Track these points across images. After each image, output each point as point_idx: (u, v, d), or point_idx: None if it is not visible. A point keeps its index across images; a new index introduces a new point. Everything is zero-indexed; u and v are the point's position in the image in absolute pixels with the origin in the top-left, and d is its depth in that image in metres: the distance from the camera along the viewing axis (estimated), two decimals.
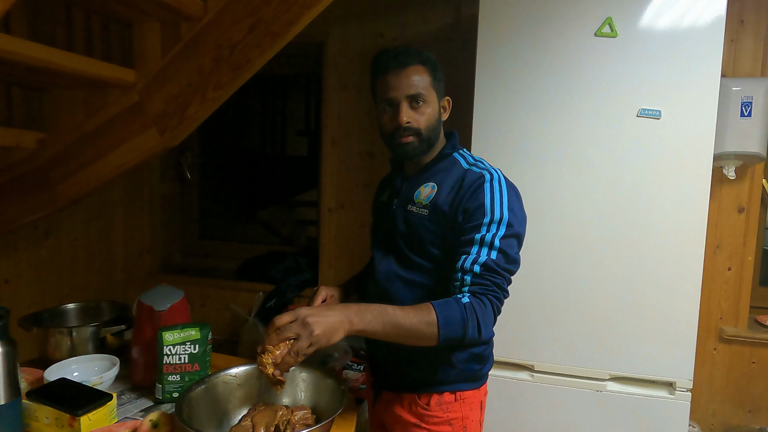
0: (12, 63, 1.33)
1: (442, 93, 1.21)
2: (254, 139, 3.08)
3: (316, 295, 1.31)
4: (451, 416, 1.18)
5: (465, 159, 1.21)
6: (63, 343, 1.36)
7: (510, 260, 1.05)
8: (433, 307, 0.98)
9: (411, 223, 1.19)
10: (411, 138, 1.16)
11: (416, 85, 1.14)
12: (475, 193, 1.10)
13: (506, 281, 1.05)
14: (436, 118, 1.19)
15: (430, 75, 1.16)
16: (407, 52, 1.16)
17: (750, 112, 1.84)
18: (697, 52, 1.50)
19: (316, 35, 2.33)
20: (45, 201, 1.69)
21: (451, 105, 1.25)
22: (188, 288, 1.54)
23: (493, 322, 1.02)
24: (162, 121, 1.57)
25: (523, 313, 1.66)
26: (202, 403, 1.08)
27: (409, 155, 1.20)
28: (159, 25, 1.56)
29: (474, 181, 1.12)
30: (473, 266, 1.02)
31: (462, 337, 0.98)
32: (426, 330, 0.97)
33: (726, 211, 2.04)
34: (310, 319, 0.89)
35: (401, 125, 1.15)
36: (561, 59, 1.59)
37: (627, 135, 1.56)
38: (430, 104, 1.17)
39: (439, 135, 1.23)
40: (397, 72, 1.15)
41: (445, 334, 0.97)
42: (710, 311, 2.07)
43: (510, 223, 1.07)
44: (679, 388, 1.58)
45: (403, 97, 1.15)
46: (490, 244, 1.04)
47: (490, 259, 1.03)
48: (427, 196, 1.17)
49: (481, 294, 1.01)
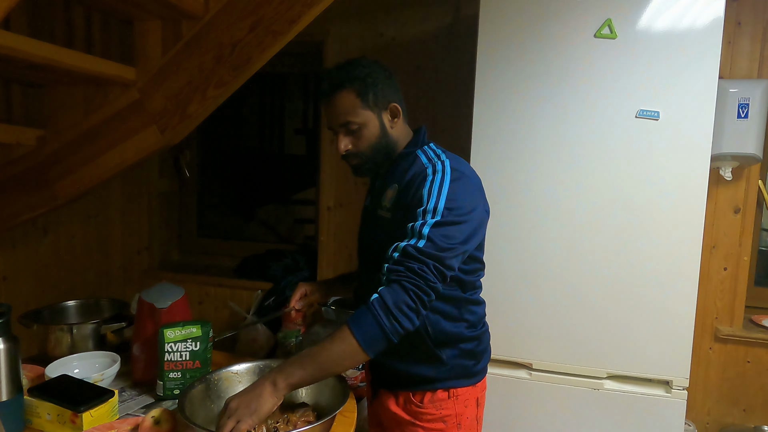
0: (12, 60, 1.33)
1: (383, 103, 1.17)
2: (253, 137, 3.08)
3: (294, 292, 1.34)
4: (444, 413, 1.19)
5: (426, 154, 1.18)
6: (63, 340, 1.36)
7: (439, 248, 1.01)
8: (348, 325, 0.98)
9: (381, 226, 1.20)
10: (355, 161, 1.20)
11: (344, 112, 1.15)
12: (418, 187, 1.10)
13: (429, 267, 1.00)
14: (378, 135, 1.18)
15: (358, 96, 1.15)
16: (331, 78, 1.16)
17: (747, 114, 1.86)
18: (695, 53, 1.51)
19: (315, 34, 2.33)
20: (44, 198, 1.69)
21: (399, 110, 1.20)
22: (187, 286, 1.53)
23: (415, 311, 0.99)
24: (162, 119, 1.57)
25: (521, 311, 1.68)
26: (203, 400, 1.09)
27: (361, 175, 1.24)
28: (160, 23, 1.56)
29: (419, 175, 1.11)
30: (393, 253, 1.03)
31: (383, 336, 0.97)
32: (347, 347, 0.97)
33: (722, 211, 2.05)
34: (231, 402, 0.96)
35: (341, 153, 1.19)
36: (560, 60, 1.60)
37: (625, 136, 1.57)
38: (366, 125, 1.16)
39: (390, 145, 1.20)
40: (326, 102, 1.17)
41: (367, 342, 0.97)
42: (706, 311, 2.09)
43: (445, 212, 1.04)
44: (675, 387, 1.60)
45: (337, 127, 1.18)
46: (419, 232, 1.02)
47: (409, 245, 1.01)
48: (390, 198, 1.18)
49: (394, 281, 0.99)
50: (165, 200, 2.85)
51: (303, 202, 2.96)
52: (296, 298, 1.33)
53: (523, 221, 1.65)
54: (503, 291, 1.66)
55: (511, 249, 1.65)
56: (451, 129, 2.18)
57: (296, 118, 3.03)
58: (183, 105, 1.55)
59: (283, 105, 3.02)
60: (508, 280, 1.66)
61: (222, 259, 2.87)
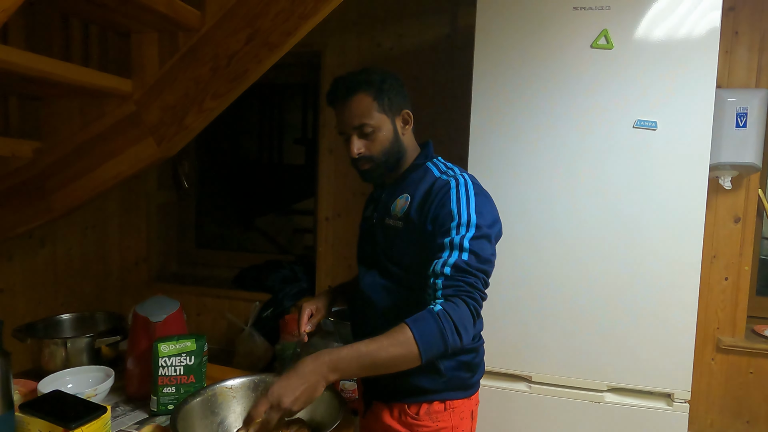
0: (9, 73, 1.33)
1: (396, 109, 1.19)
2: (251, 147, 3.08)
3: (300, 316, 1.31)
4: (440, 425, 1.17)
5: (437, 167, 1.21)
6: (57, 354, 1.34)
7: (482, 260, 1.04)
8: (408, 326, 0.96)
9: (389, 236, 1.20)
10: (367, 165, 1.20)
11: (360, 115, 1.15)
12: (443, 200, 1.10)
13: (480, 281, 1.03)
14: (391, 139, 1.19)
15: (375, 100, 1.16)
16: (347, 82, 1.17)
17: (745, 123, 1.85)
18: (692, 63, 1.51)
19: (314, 45, 2.35)
20: (41, 210, 1.68)
21: (411, 117, 1.23)
22: (184, 297, 1.53)
23: (472, 324, 1.00)
24: (159, 130, 1.57)
25: (521, 323, 1.66)
26: (197, 415, 1.07)
27: (370, 180, 1.25)
28: (156, 35, 1.57)
29: (441, 188, 1.12)
30: (444, 269, 1.02)
31: (444, 349, 0.97)
32: (406, 353, 0.95)
33: (722, 221, 2.04)
34: (276, 388, 0.93)
35: (354, 156, 1.19)
36: (557, 70, 1.60)
37: (623, 146, 1.57)
38: (380, 129, 1.17)
39: (401, 150, 1.22)
40: (341, 105, 1.17)
41: (427, 351, 0.95)
42: (707, 321, 2.07)
43: (478, 225, 1.06)
44: (677, 400, 1.58)
45: (351, 130, 1.17)
46: (460, 246, 1.03)
47: (460, 260, 1.02)
48: (401, 207, 1.18)
49: (453, 296, 1.00)
50: (163, 211, 2.84)
51: (302, 212, 2.96)
52: (305, 321, 1.30)
53: (522, 232, 1.64)
54: (502, 303, 1.65)
55: (510, 260, 1.64)
56: (449, 139, 2.18)
57: (295, 129, 3.03)
58: (179, 117, 1.55)
59: (283, 115, 3.03)
60: (507, 291, 1.65)
61: (220, 270, 2.86)
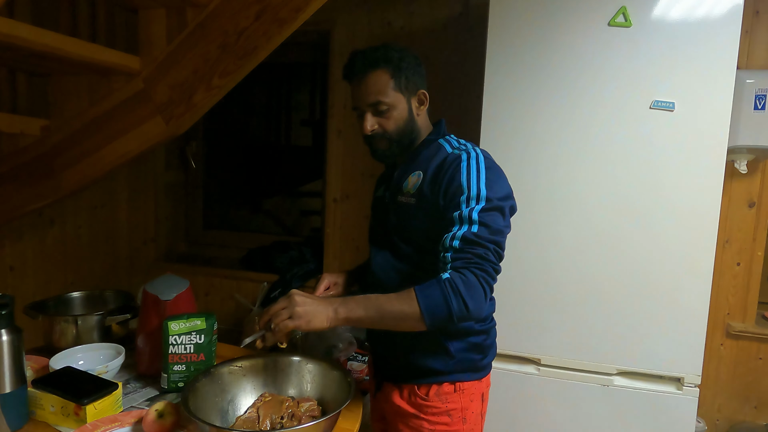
0: (16, 48, 1.31)
1: (413, 88, 1.19)
2: (259, 128, 3.06)
3: (319, 283, 1.33)
4: (450, 407, 1.18)
5: (450, 144, 1.20)
6: (68, 332, 1.35)
7: (493, 231, 1.03)
8: (414, 291, 0.99)
9: (401, 213, 1.19)
10: (380, 143, 1.20)
11: (376, 92, 1.15)
12: (453, 173, 1.10)
13: (491, 252, 1.02)
14: (405, 118, 1.18)
15: (392, 77, 1.15)
16: (365, 58, 1.16)
17: (764, 106, 1.81)
18: (712, 42, 1.47)
19: (322, 23, 2.30)
20: (50, 188, 1.68)
21: (427, 97, 1.22)
22: (192, 277, 1.52)
23: (483, 296, 0.99)
24: (167, 109, 1.55)
25: (531, 306, 1.65)
26: (207, 393, 1.08)
27: (381, 159, 1.25)
28: (164, 11, 1.54)
29: (452, 162, 1.12)
30: (453, 242, 1.02)
31: (448, 315, 0.97)
32: (409, 311, 0.98)
33: (736, 205, 2.01)
34: (297, 297, 1.01)
35: (367, 133, 1.18)
36: (573, 49, 1.56)
37: (640, 127, 1.53)
38: (395, 107, 1.16)
39: (415, 131, 1.21)
40: (358, 81, 1.17)
41: (430, 314, 0.97)
42: (718, 306, 2.06)
43: (489, 198, 1.05)
44: (687, 384, 1.57)
45: (366, 106, 1.17)
46: (469, 218, 1.03)
47: (469, 232, 1.01)
48: (414, 184, 1.18)
49: (463, 267, 0.99)
50: (171, 191, 2.84)
51: (309, 194, 2.95)
52: (321, 290, 1.32)
53: (533, 214, 1.62)
54: (512, 285, 1.63)
55: (521, 243, 1.62)
56: (460, 120, 2.15)
57: (303, 109, 3.00)
58: (188, 95, 1.53)
59: (290, 96, 3.00)
60: (517, 274, 1.64)
61: (228, 251, 2.86)
